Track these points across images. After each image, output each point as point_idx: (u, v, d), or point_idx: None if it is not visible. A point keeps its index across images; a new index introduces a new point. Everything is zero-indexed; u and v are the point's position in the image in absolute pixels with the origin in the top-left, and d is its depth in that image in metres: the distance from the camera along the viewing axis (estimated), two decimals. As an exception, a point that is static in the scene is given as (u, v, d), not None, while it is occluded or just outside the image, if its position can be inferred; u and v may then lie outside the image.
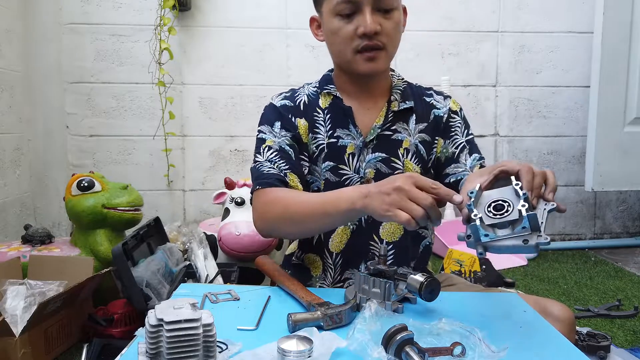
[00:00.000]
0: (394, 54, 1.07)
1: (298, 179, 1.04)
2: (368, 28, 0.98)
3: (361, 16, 0.99)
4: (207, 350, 0.60)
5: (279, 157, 1.04)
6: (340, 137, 1.08)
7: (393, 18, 1.01)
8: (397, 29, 1.04)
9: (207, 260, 1.97)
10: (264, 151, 1.06)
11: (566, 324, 0.88)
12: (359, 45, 1.00)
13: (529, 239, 0.68)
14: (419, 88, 1.17)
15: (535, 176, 0.76)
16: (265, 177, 1.02)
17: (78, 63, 2.72)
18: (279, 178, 1.01)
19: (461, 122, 1.15)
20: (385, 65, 1.05)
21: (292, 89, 1.15)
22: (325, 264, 1.09)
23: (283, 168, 1.03)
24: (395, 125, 1.09)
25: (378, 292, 0.83)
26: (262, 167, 1.03)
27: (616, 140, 2.63)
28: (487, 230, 0.71)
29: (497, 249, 0.71)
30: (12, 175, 2.54)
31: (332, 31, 1.03)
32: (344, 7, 1.00)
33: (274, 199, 0.98)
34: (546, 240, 0.68)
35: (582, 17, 2.87)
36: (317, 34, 1.12)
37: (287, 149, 1.06)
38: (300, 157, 1.08)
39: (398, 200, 0.77)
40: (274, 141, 1.06)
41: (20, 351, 1.49)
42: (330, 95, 1.11)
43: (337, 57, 1.08)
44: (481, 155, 1.12)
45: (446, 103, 1.15)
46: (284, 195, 0.98)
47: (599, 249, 2.92)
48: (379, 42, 1.00)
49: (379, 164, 1.07)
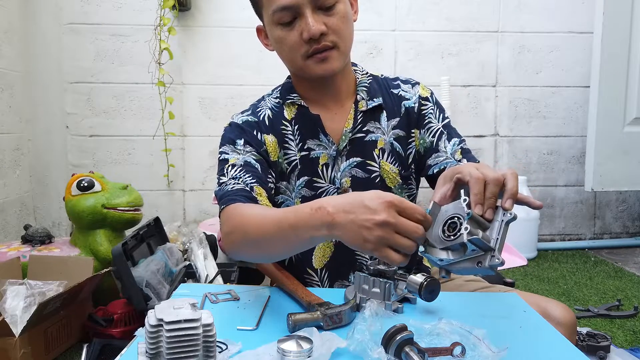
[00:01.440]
0: (348, 49, 0.99)
1: (266, 193, 0.95)
2: (312, 31, 0.91)
3: (302, 20, 0.92)
4: (207, 351, 0.60)
5: (244, 172, 0.95)
6: (312, 149, 1.02)
7: (337, 12, 0.93)
8: (345, 22, 0.95)
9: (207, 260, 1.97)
10: (227, 171, 0.97)
11: (567, 327, 0.86)
12: (308, 51, 0.94)
13: (482, 260, 0.65)
14: (385, 80, 1.10)
15: (487, 185, 0.68)
16: (229, 194, 0.92)
17: (78, 63, 2.72)
18: (245, 194, 0.92)
19: (433, 107, 1.07)
20: (340, 64, 0.97)
21: (252, 105, 1.08)
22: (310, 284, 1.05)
23: (249, 182, 0.94)
24: (367, 126, 1.03)
25: (378, 292, 0.83)
26: (227, 186, 0.94)
27: (616, 141, 2.63)
28: (440, 255, 0.68)
29: (457, 271, 0.68)
30: (12, 175, 2.54)
31: (277, 41, 0.97)
32: (282, 15, 0.93)
33: (236, 220, 0.87)
34: (498, 262, 0.64)
35: (582, 17, 2.87)
36: (267, 44, 1.05)
37: (252, 162, 0.97)
38: (270, 174, 1.00)
39: (386, 238, 0.65)
40: (237, 158, 0.98)
41: (20, 351, 1.49)
42: (295, 104, 1.04)
43: (289, 65, 1.02)
44: (461, 138, 1.05)
45: (415, 91, 1.07)
46: (247, 214, 0.86)
47: (598, 249, 2.92)
48: (327, 42, 0.93)
49: (354, 170, 1.02)
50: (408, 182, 1.07)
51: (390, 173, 1.04)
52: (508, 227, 0.67)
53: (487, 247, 0.65)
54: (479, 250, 0.65)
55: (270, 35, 1.01)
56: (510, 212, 0.67)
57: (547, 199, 3.01)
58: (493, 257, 0.65)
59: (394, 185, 1.05)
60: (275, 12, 0.94)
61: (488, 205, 0.68)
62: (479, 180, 0.68)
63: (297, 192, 1.03)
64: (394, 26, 2.84)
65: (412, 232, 0.66)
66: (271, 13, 0.95)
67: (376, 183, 1.04)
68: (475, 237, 0.64)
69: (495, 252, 0.65)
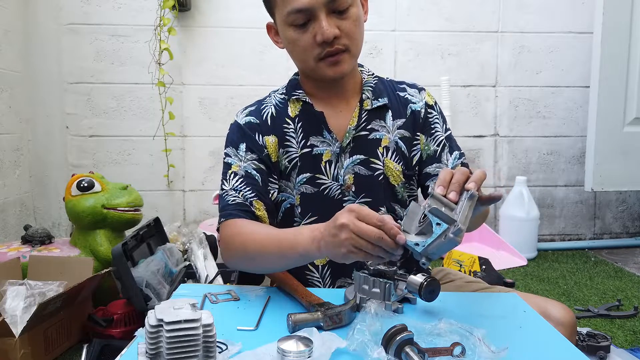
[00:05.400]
0: (359, 52, 1.01)
1: (265, 206, 1.00)
2: (326, 35, 0.92)
3: (317, 23, 0.93)
4: (207, 351, 0.60)
5: (244, 184, 1.00)
6: (315, 146, 1.03)
7: (350, 16, 0.95)
8: (358, 26, 0.97)
9: (207, 261, 1.97)
10: (230, 178, 1.02)
11: (567, 327, 0.87)
12: (321, 53, 0.95)
13: (447, 232, 0.69)
14: (390, 82, 1.12)
15: (454, 174, 0.75)
16: (229, 208, 0.98)
17: (78, 63, 2.72)
18: (243, 208, 0.97)
19: (438, 116, 1.10)
20: (350, 66, 1.00)
21: (258, 101, 1.10)
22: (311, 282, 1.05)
23: (248, 196, 0.98)
24: (371, 124, 1.04)
25: (378, 292, 0.83)
26: (227, 196, 1.00)
27: (616, 141, 2.63)
28: (416, 239, 0.73)
29: (433, 253, 0.72)
30: (12, 176, 2.54)
31: (290, 41, 0.98)
32: (296, 17, 0.94)
33: (235, 235, 0.95)
34: (458, 227, 0.68)
35: (582, 17, 2.87)
36: (276, 42, 1.06)
37: (253, 173, 1.01)
38: (270, 180, 1.03)
39: (348, 239, 0.73)
40: (239, 166, 1.02)
41: (20, 352, 1.49)
42: (300, 101, 1.05)
43: (300, 65, 1.04)
44: (461, 152, 1.09)
45: (422, 96, 1.10)
46: (245, 231, 0.93)
47: (598, 249, 2.92)
48: (340, 45, 0.95)
49: (357, 167, 1.03)
50: (410, 181, 1.08)
51: (394, 171, 1.05)
52: (474, 203, 0.73)
53: (449, 220, 0.70)
54: (444, 226, 0.70)
55: (282, 35, 1.02)
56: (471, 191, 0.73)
57: (547, 199, 3.01)
58: (457, 227, 0.68)
59: (397, 183, 1.05)
60: (290, 13, 0.94)
61: (452, 188, 0.74)
62: (447, 170, 0.77)
63: (297, 188, 1.04)
64: (394, 26, 2.84)
65: (367, 232, 0.72)
66: (285, 14, 0.95)
67: (379, 181, 1.04)
68: (434, 208, 0.70)
69: (457, 223, 0.69)
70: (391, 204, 1.05)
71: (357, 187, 1.03)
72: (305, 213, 1.04)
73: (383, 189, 1.04)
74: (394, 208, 1.06)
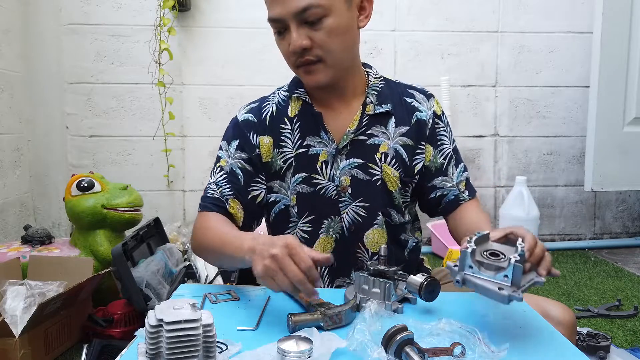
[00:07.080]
0: (338, 61, 0.98)
1: (241, 205, 1.03)
2: (293, 46, 0.94)
3: (289, 33, 0.94)
4: (207, 351, 0.60)
5: (225, 181, 1.04)
6: (311, 146, 1.03)
7: (324, 27, 0.93)
8: (333, 36, 0.94)
9: (207, 261, 1.97)
10: (216, 171, 1.06)
11: (567, 327, 0.87)
12: (296, 61, 0.97)
13: (505, 289, 0.69)
14: (398, 86, 1.10)
15: (537, 246, 0.77)
16: (207, 201, 1.04)
17: (78, 63, 2.72)
18: (218, 204, 1.03)
19: (445, 128, 1.10)
20: (327, 77, 0.98)
21: (262, 98, 1.11)
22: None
23: (226, 194, 1.03)
24: (372, 130, 1.04)
25: (378, 292, 0.83)
26: (209, 189, 1.05)
27: (615, 141, 2.63)
28: (473, 264, 0.73)
29: (474, 285, 0.72)
30: (12, 176, 2.54)
31: (276, 45, 1.02)
32: (274, 25, 0.97)
33: (202, 227, 1.01)
34: (519, 297, 0.69)
35: (582, 17, 2.87)
36: None
37: (237, 172, 1.04)
38: (257, 180, 1.05)
39: (272, 269, 0.75)
40: (226, 162, 1.06)
41: (20, 352, 1.49)
42: (300, 100, 1.06)
43: None
44: (464, 164, 1.12)
45: (430, 105, 1.09)
46: (209, 226, 0.99)
47: (598, 249, 2.92)
48: (311, 57, 0.95)
49: (355, 171, 1.03)
50: (406, 187, 1.07)
51: (392, 177, 1.04)
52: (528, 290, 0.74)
53: (517, 282, 0.70)
54: (509, 280, 0.70)
55: None
56: (542, 278, 0.75)
57: (547, 199, 3.01)
58: (515, 291, 0.69)
59: (395, 189, 1.05)
60: (269, 21, 0.98)
61: (532, 260, 0.76)
62: (534, 239, 0.78)
63: (292, 189, 1.04)
64: (394, 26, 2.84)
65: (291, 273, 0.74)
66: (268, 20, 0.98)
67: (377, 186, 1.04)
68: (519, 265, 0.70)
69: (519, 290, 0.70)
70: (388, 209, 1.06)
71: (355, 191, 1.03)
72: (302, 213, 1.05)
73: (381, 194, 1.04)
74: (390, 213, 1.06)
